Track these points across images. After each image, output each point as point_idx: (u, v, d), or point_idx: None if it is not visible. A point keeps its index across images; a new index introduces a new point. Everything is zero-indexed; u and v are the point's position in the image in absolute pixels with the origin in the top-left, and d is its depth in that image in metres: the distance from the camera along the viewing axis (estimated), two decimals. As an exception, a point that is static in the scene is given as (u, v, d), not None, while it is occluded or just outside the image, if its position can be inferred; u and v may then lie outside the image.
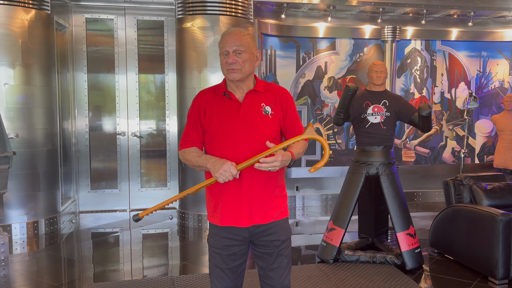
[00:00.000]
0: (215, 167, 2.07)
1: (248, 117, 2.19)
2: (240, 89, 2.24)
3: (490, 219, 3.87)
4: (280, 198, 2.28)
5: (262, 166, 2.05)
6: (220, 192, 2.21)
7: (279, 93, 2.28)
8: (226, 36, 2.20)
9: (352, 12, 6.79)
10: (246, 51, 2.18)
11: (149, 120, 6.58)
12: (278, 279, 2.27)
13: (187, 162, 2.25)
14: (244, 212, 2.19)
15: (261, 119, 2.20)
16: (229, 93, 2.23)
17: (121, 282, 3.94)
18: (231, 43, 2.17)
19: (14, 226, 5.15)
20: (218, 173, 2.05)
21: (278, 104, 2.25)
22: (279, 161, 2.05)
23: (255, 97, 2.24)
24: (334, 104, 6.93)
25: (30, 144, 5.23)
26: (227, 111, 2.21)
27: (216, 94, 2.26)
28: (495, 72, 7.47)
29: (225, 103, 2.22)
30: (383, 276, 4.05)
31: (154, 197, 6.55)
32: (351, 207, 4.33)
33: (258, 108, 2.21)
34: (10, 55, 5.08)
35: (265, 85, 2.29)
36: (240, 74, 2.18)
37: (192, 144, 2.25)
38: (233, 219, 2.20)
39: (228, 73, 2.19)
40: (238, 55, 2.17)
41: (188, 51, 5.72)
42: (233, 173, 2.05)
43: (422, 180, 7.33)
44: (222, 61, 2.20)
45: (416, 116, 4.29)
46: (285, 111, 2.27)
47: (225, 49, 2.18)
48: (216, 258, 2.26)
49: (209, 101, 2.25)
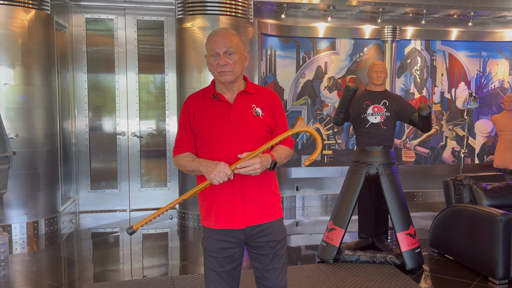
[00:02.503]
0: (208, 169, 2.06)
1: (239, 117, 2.17)
2: (231, 91, 2.22)
3: (490, 219, 3.87)
4: (274, 198, 2.27)
5: (241, 171, 2.04)
6: (213, 195, 2.19)
7: (269, 96, 2.27)
8: (214, 37, 2.15)
9: (352, 12, 6.79)
10: (236, 52, 2.15)
11: (149, 120, 6.58)
12: (275, 279, 2.26)
13: (182, 168, 2.22)
14: (239, 213, 2.17)
15: (252, 120, 2.18)
16: (218, 94, 2.21)
17: (121, 282, 3.94)
18: (220, 44, 2.13)
19: (14, 226, 5.15)
20: (213, 174, 2.03)
21: (268, 107, 2.23)
22: (259, 163, 2.04)
23: (246, 98, 2.22)
24: (334, 104, 6.93)
25: (30, 144, 5.23)
26: (218, 112, 2.19)
27: (205, 97, 2.23)
28: (495, 72, 7.46)
29: (215, 105, 2.20)
30: (383, 276, 4.05)
31: (154, 197, 6.55)
32: (351, 207, 4.33)
33: (249, 109, 2.20)
34: (10, 55, 5.08)
35: (256, 87, 2.28)
36: (232, 76, 2.16)
37: (185, 150, 2.23)
38: (228, 221, 2.18)
39: (220, 76, 2.16)
40: (228, 56, 2.14)
41: (188, 51, 5.72)
42: (227, 173, 2.03)
43: (422, 180, 7.33)
44: (213, 63, 2.15)
45: (416, 116, 4.29)
46: (275, 115, 2.25)
47: (214, 51, 2.14)
48: (211, 261, 2.24)
49: (198, 104, 2.22)
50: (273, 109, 2.25)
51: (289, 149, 2.27)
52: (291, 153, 2.29)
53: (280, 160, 2.18)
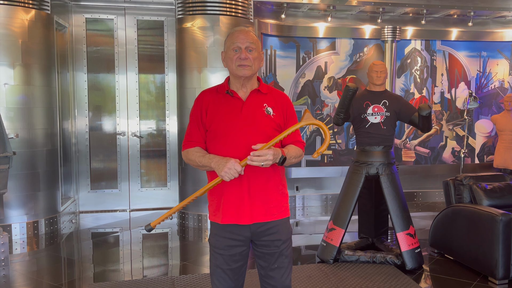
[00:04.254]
0: (219, 166, 2.09)
1: (250, 115, 2.20)
2: (244, 88, 2.25)
3: (490, 219, 3.87)
4: (281, 197, 2.29)
5: (254, 159, 2.05)
6: (221, 191, 2.22)
7: (281, 99, 2.31)
8: (236, 33, 2.22)
9: (352, 12, 6.79)
10: (256, 49, 2.22)
11: (149, 120, 6.58)
12: (279, 279, 2.27)
13: (191, 162, 2.25)
14: (246, 209, 2.19)
15: (263, 118, 2.21)
16: (232, 91, 2.24)
17: (121, 282, 3.94)
18: (243, 39, 2.19)
19: (14, 226, 5.15)
20: (223, 171, 2.06)
21: (279, 108, 2.27)
22: (271, 155, 2.06)
23: (258, 97, 2.25)
24: (334, 104, 6.93)
25: (30, 144, 5.23)
26: (230, 108, 2.21)
27: (219, 93, 2.27)
28: (495, 72, 7.47)
29: (227, 101, 2.23)
30: (383, 276, 4.05)
31: (154, 197, 6.55)
32: (351, 207, 4.33)
33: (261, 108, 2.23)
34: (10, 55, 5.08)
35: (268, 88, 2.32)
36: (250, 71, 2.20)
37: (195, 144, 2.26)
38: (235, 217, 2.20)
39: (238, 69, 2.19)
40: (249, 51, 2.19)
41: (188, 51, 5.72)
42: (237, 169, 2.06)
43: (422, 180, 7.33)
44: (233, 56, 2.20)
45: (416, 116, 4.29)
46: (286, 117, 2.29)
47: (236, 45, 2.19)
48: (217, 258, 2.26)
49: (212, 99, 2.25)
50: (284, 110, 2.28)
51: (299, 149, 2.29)
52: (302, 155, 2.32)
53: (290, 157, 2.20)
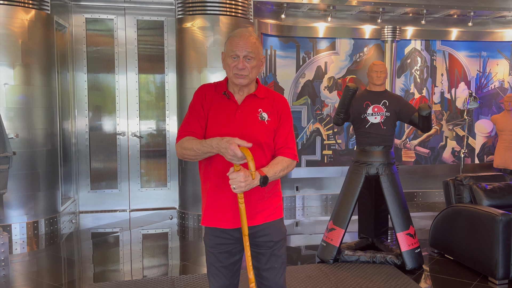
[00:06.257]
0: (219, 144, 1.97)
1: (243, 120, 2.17)
2: (241, 91, 2.21)
3: (490, 219, 3.87)
4: (274, 199, 2.27)
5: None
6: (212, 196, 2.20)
7: (278, 103, 2.25)
8: (236, 39, 2.14)
9: (352, 12, 6.79)
10: (255, 57, 2.15)
11: (149, 120, 6.58)
12: (272, 279, 2.28)
13: (186, 152, 2.12)
14: (228, 215, 2.17)
15: (256, 124, 2.17)
16: (229, 93, 2.21)
17: (121, 282, 3.94)
18: (242, 47, 2.12)
19: (14, 226, 5.15)
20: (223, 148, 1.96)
21: (275, 113, 2.22)
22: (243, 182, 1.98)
23: (254, 102, 2.21)
24: (334, 104, 6.93)
25: (30, 144, 5.23)
26: (224, 111, 2.19)
27: (217, 92, 2.23)
28: (495, 72, 7.46)
29: (223, 102, 2.20)
30: (383, 276, 4.05)
31: (154, 197, 6.55)
32: (351, 207, 4.33)
33: (255, 113, 2.19)
34: (10, 55, 5.08)
35: (266, 91, 2.26)
36: (247, 80, 2.16)
37: (191, 134, 2.17)
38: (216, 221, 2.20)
39: (235, 78, 2.15)
40: (247, 60, 2.13)
41: (188, 51, 5.72)
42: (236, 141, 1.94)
43: (422, 180, 7.33)
44: (231, 64, 2.14)
45: (416, 116, 4.29)
46: (280, 120, 2.22)
47: (235, 53, 2.13)
48: (210, 256, 2.28)
49: (210, 96, 2.22)
50: (279, 115, 2.22)
51: (287, 160, 2.20)
52: (291, 164, 2.22)
53: (275, 173, 2.12)
